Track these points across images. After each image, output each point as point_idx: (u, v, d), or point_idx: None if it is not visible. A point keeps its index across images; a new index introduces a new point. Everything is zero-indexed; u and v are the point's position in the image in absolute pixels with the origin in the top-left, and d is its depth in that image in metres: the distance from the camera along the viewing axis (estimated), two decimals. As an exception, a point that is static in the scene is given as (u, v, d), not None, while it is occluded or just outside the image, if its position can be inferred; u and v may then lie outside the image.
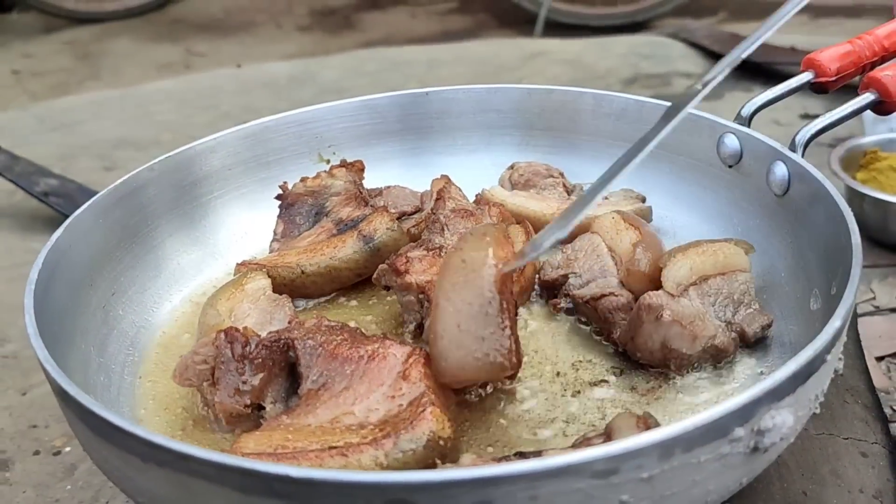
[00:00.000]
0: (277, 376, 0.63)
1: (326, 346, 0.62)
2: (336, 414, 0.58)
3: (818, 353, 0.50)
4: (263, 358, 0.62)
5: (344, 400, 0.59)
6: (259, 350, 0.62)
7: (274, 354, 0.63)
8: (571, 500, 0.44)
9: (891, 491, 0.67)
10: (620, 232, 0.75)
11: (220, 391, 0.62)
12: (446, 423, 0.55)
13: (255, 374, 0.62)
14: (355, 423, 0.57)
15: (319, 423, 0.58)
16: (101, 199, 0.75)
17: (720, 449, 0.47)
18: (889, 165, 1.32)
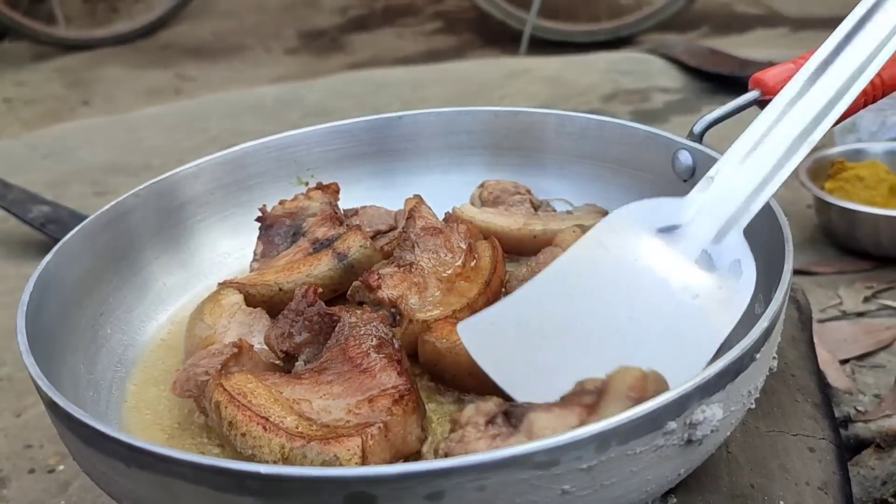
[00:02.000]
0: (317, 342, 0.70)
1: (350, 341, 0.67)
2: (303, 396, 0.63)
3: (745, 351, 0.54)
4: (312, 322, 0.70)
5: (318, 390, 0.64)
6: (314, 315, 0.70)
7: (323, 324, 0.70)
8: (517, 489, 0.48)
9: (836, 483, 0.72)
10: (580, 245, 0.79)
11: (272, 329, 0.71)
12: (356, 460, 0.58)
13: (301, 331, 0.70)
14: (305, 413, 0.62)
15: (289, 396, 0.63)
16: (89, 224, 0.80)
17: (655, 441, 0.51)
18: (855, 175, 1.37)
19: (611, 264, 0.66)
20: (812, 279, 1.30)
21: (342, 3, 3.92)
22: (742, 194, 0.69)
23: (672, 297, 0.65)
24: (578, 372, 0.57)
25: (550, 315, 0.64)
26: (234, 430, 0.62)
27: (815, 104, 0.72)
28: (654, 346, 0.63)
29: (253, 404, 0.63)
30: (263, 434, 0.60)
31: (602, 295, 0.65)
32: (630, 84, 2.18)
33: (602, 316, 0.64)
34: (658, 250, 0.67)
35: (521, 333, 0.64)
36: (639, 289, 0.65)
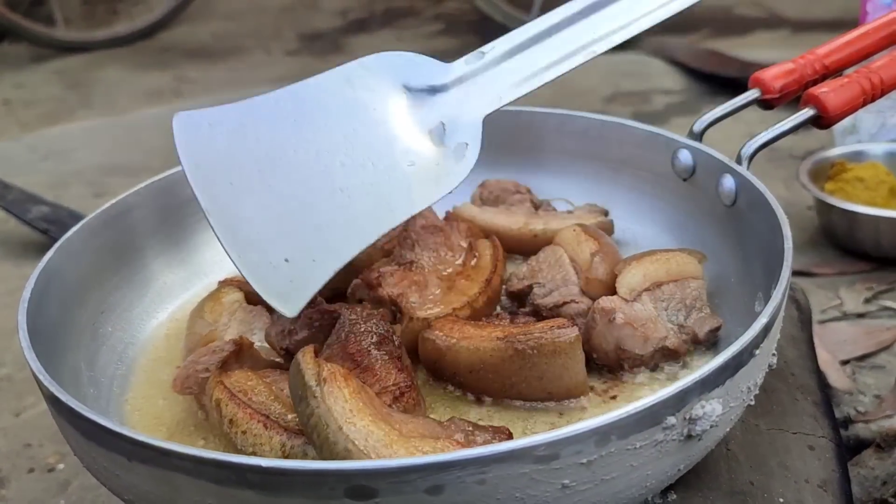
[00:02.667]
0: (318, 339, 0.70)
1: (350, 338, 0.67)
2: None
3: (745, 347, 0.54)
4: (312, 319, 0.70)
5: (318, 387, 0.64)
6: (313, 312, 0.70)
7: (323, 321, 0.70)
8: (517, 483, 0.48)
9: (835, 481, 0.72)
10: (581, 243, 0.79)
11: (272, 326, 0.71)
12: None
13: (302, 328, 0.70)
14: None
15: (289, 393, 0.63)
16: (90, 222, 0.80)
17: (655, 436, 0.51)
18: (855, 176, 1.38)
19: (347, 104, 0.65)
20: (813, 280, 1.30)
21: (342, 4, 3.92)
22: (502, 82, 0.68)
23: (390, 156, 0.65)
24: (271, 197, 0.58)
25: (271, 132, 0.63)
26: (235, 428, 0.62)
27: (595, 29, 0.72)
28: (352, 195, 0.63)
29: (253, 402, 0.63)
30: (264, 431, 0.60)
31: (326, 130, 0.64)
32: (631, 86, 2.18)
33: (317, 151, 0.63)
34: (399, 107, 0.67)
35: (234, 141, 0.62)
36: (363, 137, 0.65)
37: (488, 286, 0.78)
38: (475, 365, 0.68)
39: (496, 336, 0.67)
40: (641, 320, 0.71)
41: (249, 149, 0.62)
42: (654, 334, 0.70)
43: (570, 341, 0.65)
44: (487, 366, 0.67)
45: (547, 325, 0.67)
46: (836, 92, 0.79)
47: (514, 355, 0.66)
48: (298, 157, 0.63)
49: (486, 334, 0.68)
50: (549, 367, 0.65)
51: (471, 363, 0.68)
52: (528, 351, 0.66)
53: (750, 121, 1.33)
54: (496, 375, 0.67)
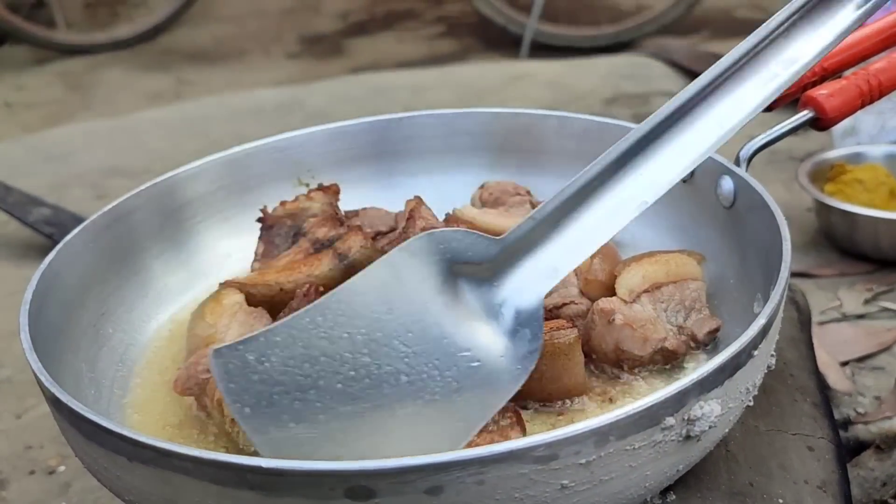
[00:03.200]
0: None
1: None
2: None
3: (743, 348, 0.54)
4: None
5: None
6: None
7: None
8: (516, 484, 0.48)
9: (835, 482, 0.72)
10: (580, 245, 0.79)
11: None
12: None
13: None
14: None
15: None
16: (91, 224, 0.80)
17: (653, 436, 0.51)
18: (855, 178, 1.38)
19: (400, 304, 0.56)
20: (812, 282, 1.30)
21: (343, 7, 3.93)
22: (556, 252, 0.60)
23: (453, 357, 0.56)
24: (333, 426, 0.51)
25: (318, 355, 0.53)
26: (237, 427, 0.61)
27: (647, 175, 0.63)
28: (422, 413, 0.55)
29: None
30: None
31: (378, 343, 0.54)
32: (631, 88, 2.18)
33: (369, 368, 0.54)
34: (453, 296, 0.57)
35: (280, 374, 0.53)
36: (424, 343, 0.55)
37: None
38: (475, 367, 0.68)
39: (495, 337, 0.67)
40: (641, 321, 0.71)
41: (300, 383, 0.53)
42: (654, 335, 0.71)
43: (569, 342, 0.65)
44: (487, 367, 0.67)
45: (546, 327, 0.67)
46: (834, 94, 0.79)
47: (513, 356, 0.66)
48: (357, 384, 0.54)
49: (486, 336, 0.68)
50: (548, 368, 0.66)
51: (470, 365, 0.68)
52: (527, 352, 0.66)
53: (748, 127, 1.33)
54: (496, 377, 0.67)
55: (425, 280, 0.57)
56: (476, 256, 0.59)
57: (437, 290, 0.57)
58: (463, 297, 0.58)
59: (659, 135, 0.63)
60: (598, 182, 0.62)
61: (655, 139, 0.63)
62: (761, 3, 3.50)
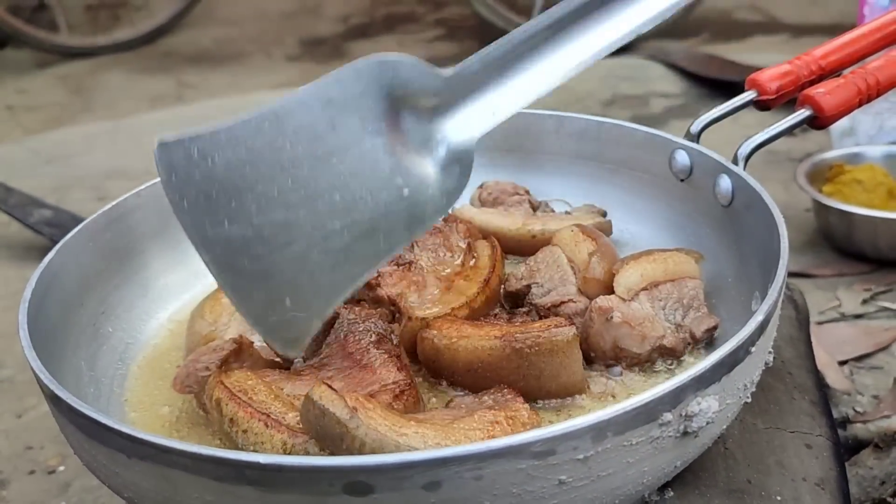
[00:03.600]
0: (315, 339, 0.69)
1: (349, 337, 0.68)
2: (303, 392, 0.63)
3: (741, 344, 0.55)
4: None
5: (317, 385, 0.64)
6: None
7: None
8: (514, 479, 0.48)
9: (833, 479, 0.72)
10: (579, 244, 0.80)
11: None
12: None
13: None
14: None
15: (290, 392, 0.64)
16: (91, 223, 0.80)
17: (651, 432, 0.51)
18: (853, 178, 1.38)
19: (335, 128, 0.56)
20: (811, 282, 1.31)
21: (343, 10, 3.94)
22: (497, 95, 0.61)
23: (386, 185, 0.57)
24: (267, 241, 0.52)
25: (259, 163, 0.54)
26: (236, 427, 0.62)
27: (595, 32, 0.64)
28: (351, 232, 0.56)
29: (254, 401, 0.63)
30: (265, 430, 0.61)
31: (319, 163, 0.55)
32: (629, 90, 2.19)
33: (313, 187, 0.55)
34: (389, 125, 0.58)
35: (222, 174, 0.53)
36: (358, 167, 0.56)
37: (486, 286, 0.79)
38: (473, 364, 0.68)
39: (494, 335, 0.68)
40: (639, 319, 0.71)
41: (238, 185, 0.54)
42: (652, 333, 0.71)
43: (567, 340, 0.66)
44: (486, 365, 0.68)
45: (545, 325, 0.67)
46: (832, 93, 0.79)
47: (512, 354, 0.66)
48: (294, 194, 0.55)
49: (485, 333, 0.69)
50: (546, 366, 0.66)
51: (469, 362, 0.68)
52: (525, 350, 0.66)
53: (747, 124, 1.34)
54: (494, 374, 0.67)
55: (370, 104, 0.57)
56: (421, 88, 0.59)
57: (380, 115, 0.58)
58: (402, 126, 0.59)
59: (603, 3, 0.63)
60: (546, 35, 0.62)
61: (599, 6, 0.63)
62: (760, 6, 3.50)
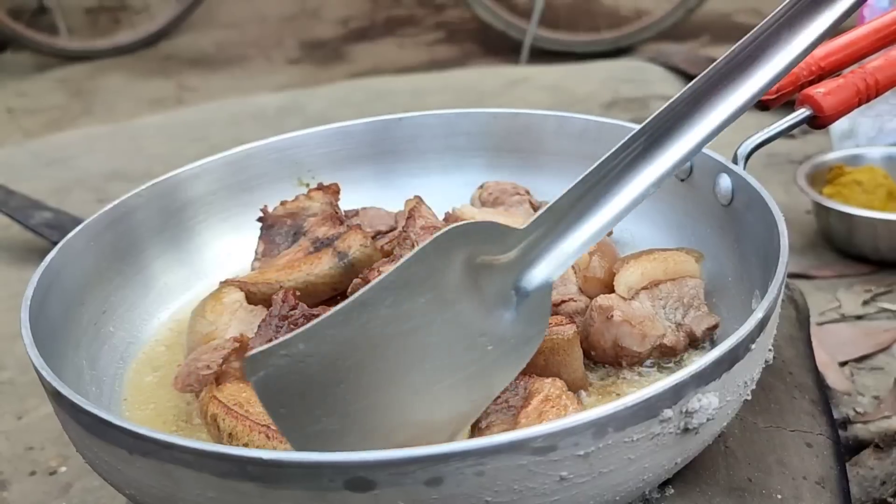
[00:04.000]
0: None
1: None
2: None
3: (741, 341, 0.55)
4: (298, 325, 0.69)
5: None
6: (299, 318, 0.69)
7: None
8: (515, 475, 0.49)
9: (833, 478, 0.72)
10: (579, 243, 0.80)
11: (256, 338, 0.69)
12: None
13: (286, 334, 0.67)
14: None
15: None
16: (93, 223, 0.81)
17: (651, 428, 0.51)
18: (853, 180, 1.38)
19: (427, 302, 0.56)
20: (811, 283, 1.31)
21: (344, 13, 3.94)
22: (569, 242, 0.63)
23: (473, 346, 0.58)
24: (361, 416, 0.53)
25: (349, 354, 0.54)
26: (236, 441, 0.61)
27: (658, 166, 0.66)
28: (439, 398, 0.56)
29: (251, 413, 0.62)
30: (267, 442, 0.60)
31: (404, 335, 0.56)
32: (630, 92, 2.19)
33: (396, 359, 0.55)
34: (472, 287, 0.59)
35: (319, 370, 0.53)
36: (446, 336, 0.57)
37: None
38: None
39: (495, 333, 0.68)
40: (639, 318, 0.71)
41: (331, 378, 0.53)
42: (652, 332, 0.71)
43: (568, 338, 0.66)
44: (486, 363, 0.68)
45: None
46: (831, 92, 0.80)
47: (512, 352, 0.66)
48: (383, 375, 0.55)
49: (485, 332, 0.69)
50: (548, 364, 0.66)
51: (469, 361, 0.68)
52: (526, 348, 0.66)
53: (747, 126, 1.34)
54: (495, 373, 0.67)
55: (450, 275, 0.58)
56: (496, 249, 0.61)
57: (460, 284, 0.59)
58: (481, 287, 0.60)
59: (660, 131, 0.65)
60: (606, 176, 0.65)
61: (657, 137, 0.65)
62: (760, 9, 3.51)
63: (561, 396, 0.60)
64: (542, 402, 0.59)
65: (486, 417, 0.61)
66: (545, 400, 0.59)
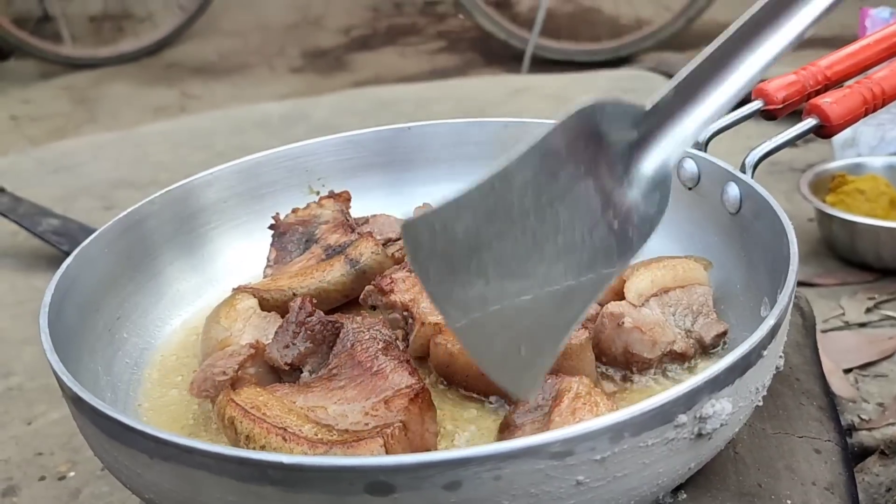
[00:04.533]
0: (320, 351, 0.70)
1: (356, 346, 0.68)
2: (316, 404, 0.64)
3: (753, 347, 0.56)
4: (316, 332, 0.70)
5: (331, 396, 0.65)
6: (315, 324, 0.70)
7: (325, 332, 0.71)
8: (532, 479, 0.49)
9: (842, 483, 0.73)
10: (589, 251, 0.80)
11: (272, 343, 0.71)
12: None
13: (304, 341, 0.70)
14: (322, 420, 0.63)
15: (302, 405, 0.64)
16: (107, 230, 0.81)
17: (666, 434, 0.52)
18: (856, 188, 1.39)
19: (561, 175, 0.58)
20: (815, 290, 1.31)
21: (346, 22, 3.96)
22: (689, 121, 0.63)
23: (600, 223, 0.60)
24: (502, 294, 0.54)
25: (492, 222, 0.55)
26: (253, 444, 0.62)
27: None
28: (569, 271, 0.58)
29: (268, 416, 0.63)
30: (284, 444, 0.60)
31: (542, 214, 0.57)
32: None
33: (534, 230, 0.57)
34: (600, 164, 0.60)
35: (458, 242, 0.54)
36: (576, 210, 0.59)
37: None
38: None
39: (507, 340, 0.68)
40: (649, 325, 0.72)
41: (476, 245, 0.55)
42: (662, 338, 0.72)
43: (580, 343, 0.67)
44: (499, 369, 0.68)
45: (557, 329, 0.68)
46: (838, 102, 0.81)
47: (525, 358, 0.67)
48: (523, 245, 0.56)
49: (498, 338, 0.69)
50: (560, 369, 0.67)
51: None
52: (539, 354, 0.67)
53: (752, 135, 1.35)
54: (507, 378, 0.68)
55: (580, 148, 0.59)
56: (623, 125, 0.61)
57: (589, 158, 0.60)
58: (607, 163, 0.61)
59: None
60: (721, 54, 0.63)
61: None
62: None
63: (591, 393, 0.61)
64: (573, 399, 0.60)
65: (518, 418, 0.62)
66: (576, 397, 0.60)
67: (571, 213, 0.58)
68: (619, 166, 0.61)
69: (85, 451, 1.01)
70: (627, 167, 0.61)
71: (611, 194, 0.60)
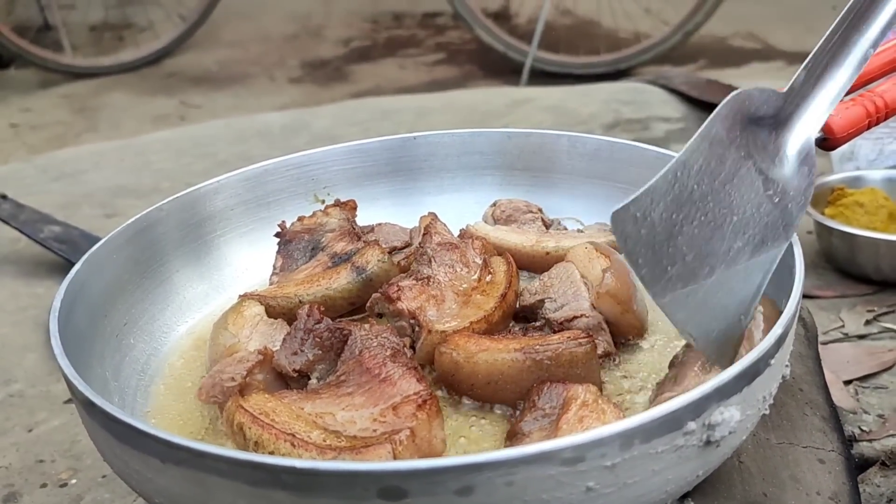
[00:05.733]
0: (328, 358, 0.71)
1: (364, 353, 0.69)
2: (325, 410, 0.64)
3: (761, 356, 0.56)
4: (324, 339, 0.71)
5: (339, 402, 0.65)
6: (323, 331, 0.71)
7: (333, 339, 0.71)
8: (544, 485, 0.50)
9: (846, 493, 0.73)
10: (593, 260, 0.81)
11: (280, 350, 0.71)
12: None
13: (312, 348, 0.71)
14: (330, 426, 0.63)
15: (310, 411, 0.64)
16: (115, 236, 0.82)
17: (675, 441, 0.53)
18: (855, 201, 1.40)
19: (727, 164, 0.66)
20: (814, 303, 1.32)
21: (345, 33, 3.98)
22: (822, 99, 0.72)
23: (765, 199, 0.67)
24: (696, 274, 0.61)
25: (681, 207, 0.62)
26: (262, 450, 0.62)
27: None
28: (744, 250, 0.65)
29: (277, 422, 0.63)
30: (293, 450, 0.61)
31: (716, 190, 0.65)
32: (631, 113, 2.21)
33: (714, 212, 0.64)
34: (755, 147, 0.68)
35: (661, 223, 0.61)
36: (744, 192, 0.66)
37: (503, 301, 0.80)
38: (493, 376, 0.69)
39: (514, 347, 0.69)
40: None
41: (671, 230, 0.62)
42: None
43: (586, 352, 0.67)
44: (505, 377, 0.69)
45: (563, 337, 0.69)
46: (842, 115, 0.81)
47: (532, 366, 0.68)
48: (707, 227, 0.63)
49: (504, 346, 0.70)
50: (565, 378, 0.67)
51: (489, 374, 0.69)
52: (545, 361, 0.67)
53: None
54: (514, 386, 0.69)
55: (738, 133, 0.67)
56: (769, 109, 0.70)
57: (746, 141, 0.67)
58: (761, 145, 0.68)
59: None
60: (836, 36, 0.73)
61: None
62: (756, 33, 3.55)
63: (597, 401, 0.61)
64: (580, 407, 0.61)
65: (525, 426, 0.63)
66: (583, 405, 0.61)
67: (741, 194, 0.65)
68: (771, 146, 0.69)
69: (86, 458, 1.01)
70: (777, 146, 0.69)
71: (768, 172, 0.68)
